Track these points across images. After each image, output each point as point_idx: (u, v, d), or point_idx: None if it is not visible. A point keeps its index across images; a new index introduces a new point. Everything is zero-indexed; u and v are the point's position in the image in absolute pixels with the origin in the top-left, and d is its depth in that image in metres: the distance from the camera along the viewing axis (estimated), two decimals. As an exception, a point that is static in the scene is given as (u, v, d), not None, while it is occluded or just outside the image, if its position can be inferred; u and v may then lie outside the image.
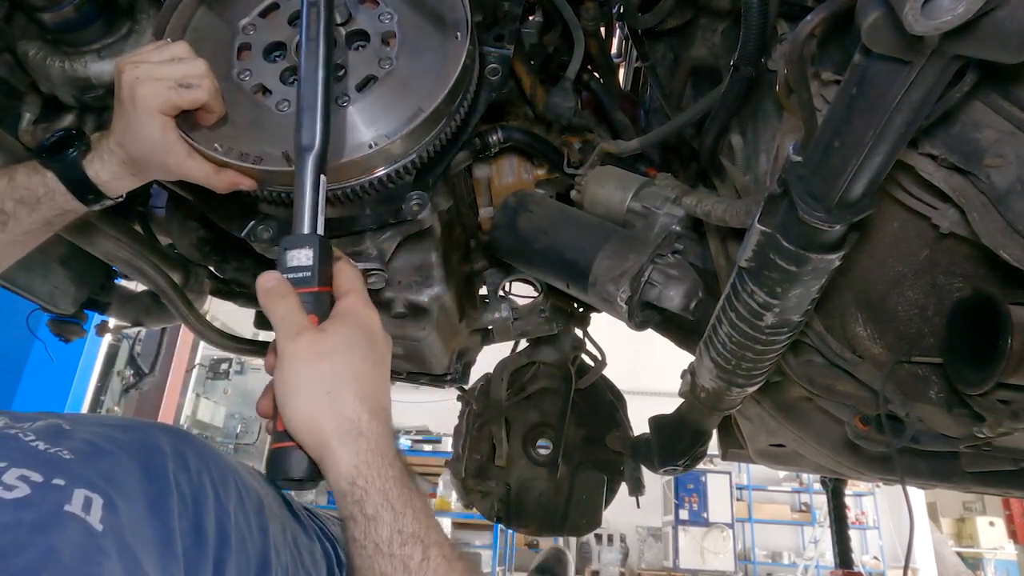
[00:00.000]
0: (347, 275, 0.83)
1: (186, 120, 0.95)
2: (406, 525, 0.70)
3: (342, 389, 0.76)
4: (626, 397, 2.10)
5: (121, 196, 1.01)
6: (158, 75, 0.90)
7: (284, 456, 0.76)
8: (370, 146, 0.97)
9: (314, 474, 0.76)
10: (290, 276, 0.79)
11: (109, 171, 0.96)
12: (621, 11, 1.39)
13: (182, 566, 0.66)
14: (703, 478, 9.45)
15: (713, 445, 1.62)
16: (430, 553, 0.69)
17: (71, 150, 0.94)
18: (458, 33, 1.03)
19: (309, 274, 0.79)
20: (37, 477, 0.59)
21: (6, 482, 0.57)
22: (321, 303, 0.79)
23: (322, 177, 0.84)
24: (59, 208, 0.96)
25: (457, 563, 0.71)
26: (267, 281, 0.79)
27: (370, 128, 1.00)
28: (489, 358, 1.94)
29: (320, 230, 0.81)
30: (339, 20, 1.05)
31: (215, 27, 1.08)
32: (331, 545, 1.03)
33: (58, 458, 0.63)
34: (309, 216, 0.82)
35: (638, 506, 2.20)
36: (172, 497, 0.71)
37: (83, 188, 0.95)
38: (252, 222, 1.06)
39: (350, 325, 0.79)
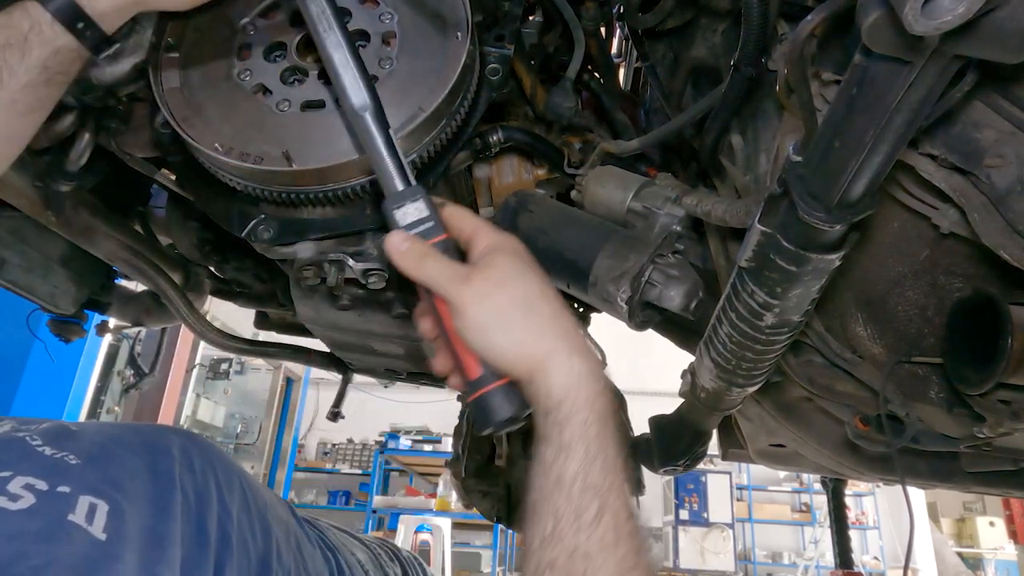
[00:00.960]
0: (463, 215, 0.80)
1: (183, 117, 0.93)
2: (592, 473, 0.66)
3: (538, 308, 0.74)
4: (626, 397, 2.10)
5: (117, 36, 0.91)
6: None
7: (492, 398, 0.75)
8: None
9: (525, 404, 0.75)
10: (414, 231, 0.78)
11: None
12: (621, 11, 1.39)
13: (186, 568, 0.67)
14: (703, 478, 9.45)
15: (713, 445, 1.62)
16: (604, 515, 0.64)
17: None
18: (458, 33, 1.03)
19: (432, 223, 0.78)
20: (42, 485, 0.59)
21: (11, 492, 0.57)
22: (452, 249, 0.78)
23: (390, 130, 0.83)
24: (50, 45, 0.83)
25: (624, 542, 0.63)
26: (399, 243, 0.76)
27: None
28: (489, 358, 1.94)
29: (413, 181, 0.81)
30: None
31: (215, 27, 1.08)
32: (331, 554, 1.04)
33: (64, 463, 0.64)
34: (397, 172, 0.80)
35: (638, 506, 2.19)
36: (176, 499, 0.71)
37: (70, 11, 0.83)
38: (252, 222, 1.06)
39: (507, 253, 0.77)
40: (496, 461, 2.05)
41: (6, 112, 0.84)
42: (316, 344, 1.62)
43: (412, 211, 0.78)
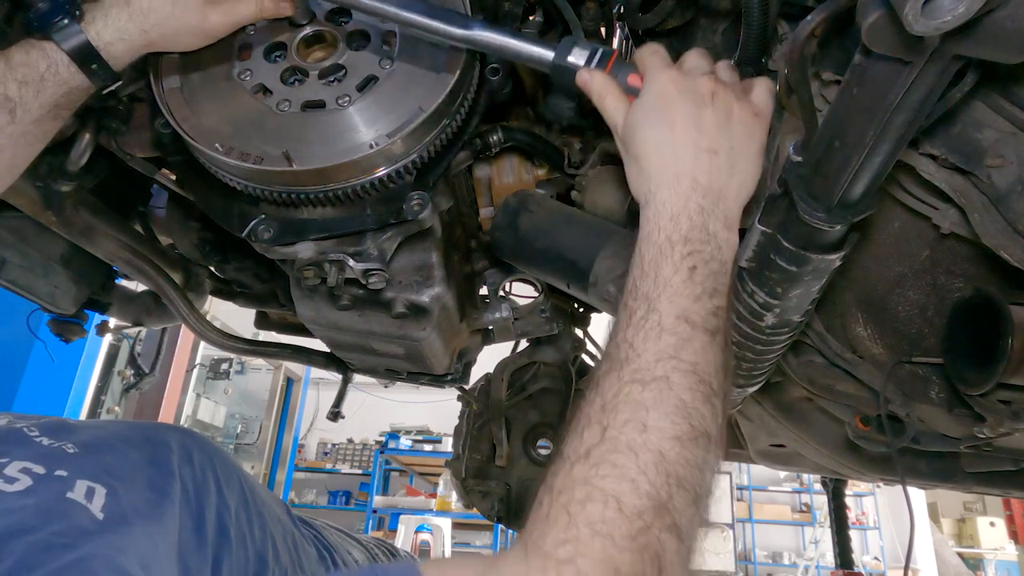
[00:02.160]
0: (640, 61, 0.87)
1: (189, 123, 0.94)
2: (644, 284, 0.72)
3: (681, 140, 0.79)
4: (626, 397, 2.10)
5: (122, 73, 0.93)
6: None
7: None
8: (371, 146, 0.97)
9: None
10: (593, 67, 0.87)
11: (114, 29, 0.88)
12: (622, 11, 1.39)
13: (183, 558, 0.67)
14: (703, 478, 9.44)
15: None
16: (650, 316, 0.70)
17: (63, 17, 0.86)
18: None
19: (600, 52, 0.88)
20: (39, 469, 0.59)
21: (8, 475, 0.57)
22: (624, 67, 0.88)
23: (503, 28, 0.92)
24: (64, 84, 0.87)
25: (667, 336, 0.69)
26: (586, 77, 0.87)
27: (371, 128, 1.00)
28: (489, 358, 1.94)
29: (556, 44, 0.90)
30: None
31: None
32: (327, 552, 1.04)
33: (61, 451, 0.64)
34: (539, 46, 0.91)
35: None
36: (175, 488, 0.72)
37: (86, 54, 0.87)
38: (253, 222, 1.06)
39: (692, 78, 0.83)
40: (496, 461, 2.05)
41: (15, 144, 0.88)
42: (316, 344, 1.62)
43: (578, 57, 0.88)
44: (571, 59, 0.88)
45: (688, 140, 0.78)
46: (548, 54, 0.89)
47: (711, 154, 0.78)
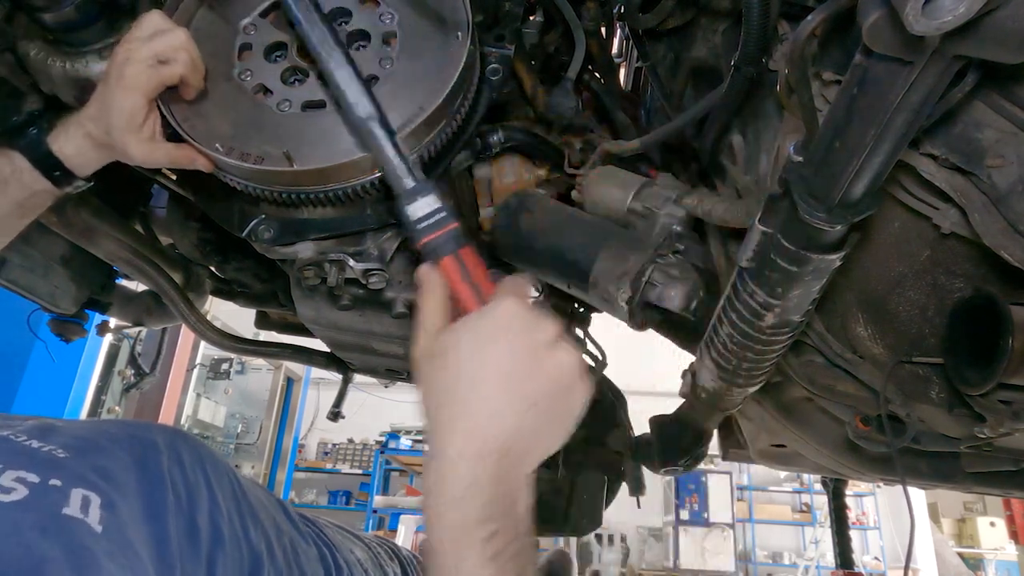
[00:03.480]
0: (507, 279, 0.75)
1: (182, 115, 0.96)
2: None
3: (468, 397, 0.65)
4: (626, 397, 2.10)
5: (89, 178, 0.99)
6: (140, 55, 0.90)
7: None
8: None
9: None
10: (423, 225, 0.79)
11: (73, 145, 0.94)
12: (622, 11, 1.39)
13: (178, 563, 0.66)
14: (704, 478, 9.45)
15: (714, 445, 1.62)
16: None
17: (33, 128, 0.94)
18: (459, 33, 1.03)
19: (443, 214, 0.80)
20: (33, 478, 0.58)
21: (3, 484, 0.56)
22: (462, 236, 0.79)
23: (395, 136, 0.87)
24: (28, 188, 0.94)
25: None
26: (426, 275, 0.75)
27: None
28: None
29: (421, 177, 0.84)
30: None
31: (216, 27, 1.08)
32: (328, 551, 1.03)
33: (52, 457, 0.63)
34: (405, 171, 0.84)
35: (639, 506, 2.19)
36: (167, 493, 0.70)
37: (47, 164, 0.94)
38: (253, 222, 1.06)
39: (542, 318, 0.69)
40: (496, 461, 2.06)
41: None
42: (317, 344, 1.62)
43: (423, 205, 0.80)
44: (410, 207, 0.80)
45: (503, 385, 0.65)
46: (405, 184, 0.83)
47: (527, 406, 0.64)
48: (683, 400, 1.36)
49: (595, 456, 2.05)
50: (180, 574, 0.66)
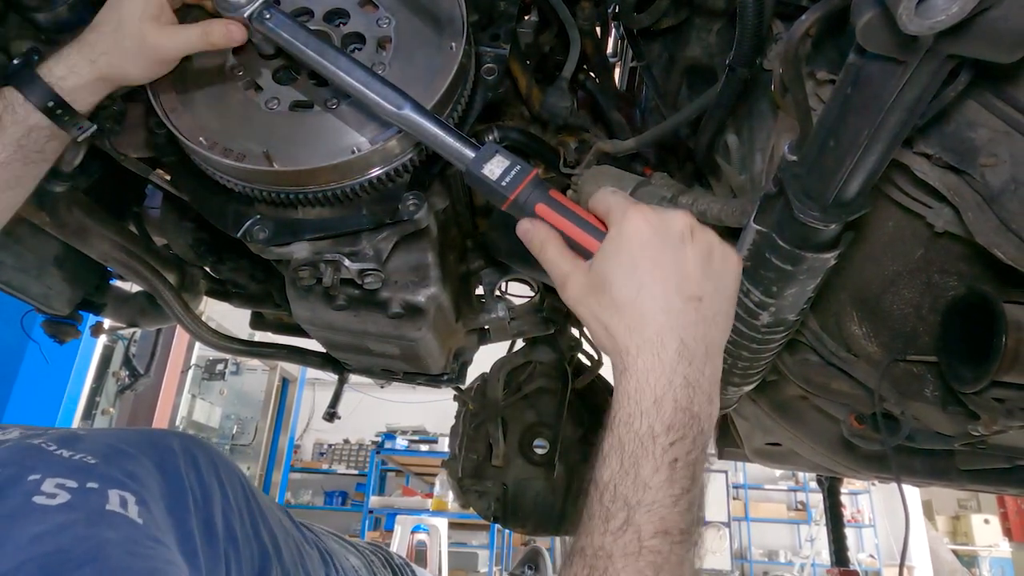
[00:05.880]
0: (599, 199, 0.76)
1: (172, 108, 0.94)
2: (624, 486, 0.63)
3: (643, 299, 0.67)
4: (623, 396, 2.10)
5: (90, 119, 0.93)
6: None
7: None
8: (353, 151, 0.97)
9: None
10: (504, 183, 0.78)
11: (65, 65, 0.88)
12: (617, 11, 1.39)
13: (201, 559, 0.69)
14: (699, 477, 9.45)
15: (709, 444, 1.62)
16: (628, 528, 0.62)
17: (21, 64, 0.88)
18: (452, 44, 1.03)
19: (518, 168, 0.79)
20: (72, 483, 0.61)
21: (46, 491, 0.59)
22: (542, 184, 0.78)
23: (435, 115, 0.87)
24: (23, 124, 0.87)
25: (646, 555, 0.62)
26: (525, 228, 0.76)
27: (364, 129, 0.99)
28: (486, 358, 1.94)
29: (479, 145, 0.83)
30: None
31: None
32: (329, 557, 1.04)
33: (84, 463, 0.66)
34: (462, 143, 0.84)
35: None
36: (187, 494, 0.74)
37: (39, 91, 0.87)
38: (248, 222, 1.06)
39: (665, 213, 0.70)
40: (492, 461, 2.05)
41: None
42: (312, 344, 1.62)
43: (495, 167, 0.80)
44: (485, 170, 0.80)
45: (671, 287, 0.67)
46: (468, 154, 0.83)
47: (696, 303, 0.68)
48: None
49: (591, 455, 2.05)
50: (204, 569, 0.69)
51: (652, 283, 0.68)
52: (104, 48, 0.88)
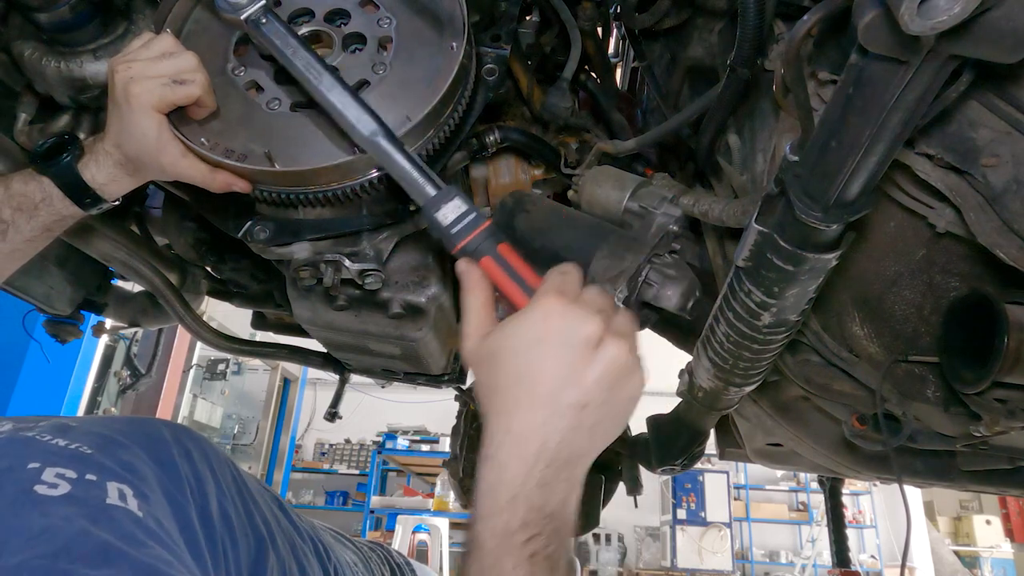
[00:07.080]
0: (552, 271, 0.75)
1: (177, 116, 0.95)
2: None
3: (526, 385, 0.67)
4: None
5: (118, 199, 1.00)
6: (150, 73, 0.89)
7: None
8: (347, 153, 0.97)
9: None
10: (456, 230, 0.78)
11: (105, 173, 0.95)
12: (618, 11, 1.39)
13: (202, 546, 0.70)
14: (701, 478, 9.46)
15: (711, 445, 1.62)
16: None
17: (65, 155, 0.94)
18: (453, 44, 1.03)
19: (472, 216, 0.79)
20: (71, 474, 0.62)
21: (47, 480, 0.59)
22: (495, 233, 0.78)
23: (405, 147, 0.87)
24: (57, 214, 0.96)
25: None
26: (459, 268, 0.77)
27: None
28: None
29: (441, 184, 0.83)
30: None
31: (212, 23, 1.08)
32: (323, 547, 1.04)
33: (80, 453, 0.66)
34: (425, 180, 0.84)
35: (636, 506, 2.19)
36: (183, 483, 0.74)
37: (80, 192, 0.95)
38: (249, 222, 1.06)
39: (583, 315, 0.68)
40: (494, 461, 2.06)
41: (4, 259, 0.98)
42: (313, 344, 1.62)
43: (450, 210, 0.80)
44: (439, 214, 0.80)
45: (555, 386, 0.66)
46: (428, 193, 0.82)
47: (577, 409, 0.66)
48: (680, 399, 1.36)
49: (592, 456, 2.05)
50: (206, 556, 0.70)
51: (536, 374, 0.66)
52: (138, 166, 0.96)
